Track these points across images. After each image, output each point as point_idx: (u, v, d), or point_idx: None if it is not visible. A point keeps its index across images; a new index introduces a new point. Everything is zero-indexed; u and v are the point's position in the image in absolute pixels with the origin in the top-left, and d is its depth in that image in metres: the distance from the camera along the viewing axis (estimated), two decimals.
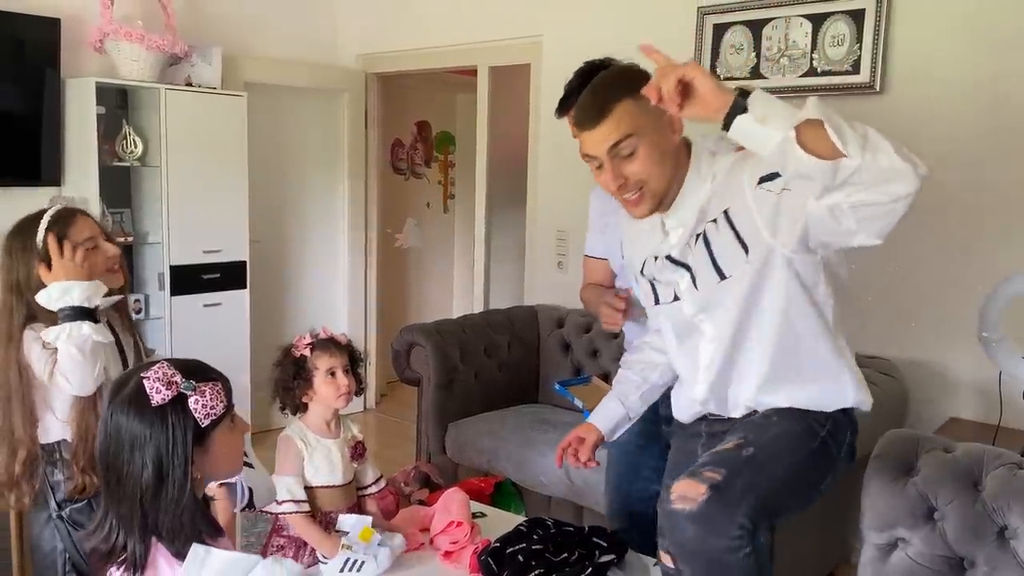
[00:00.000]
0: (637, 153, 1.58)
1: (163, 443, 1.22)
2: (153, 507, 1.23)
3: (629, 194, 1.62)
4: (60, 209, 1.85)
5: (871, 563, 1.88)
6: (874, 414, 2.52)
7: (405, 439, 3.81)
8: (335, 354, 2.09)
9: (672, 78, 1.37)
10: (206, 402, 1.26)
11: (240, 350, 4.02)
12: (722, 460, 1.59)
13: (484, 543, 2.07)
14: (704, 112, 1.38)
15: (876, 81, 2.93)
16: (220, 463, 1.31)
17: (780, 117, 1.34)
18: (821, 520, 2.74)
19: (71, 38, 3.54)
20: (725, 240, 1.61)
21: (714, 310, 1.67)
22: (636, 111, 1.56)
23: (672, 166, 1.63)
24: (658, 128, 1.59)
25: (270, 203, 4.49)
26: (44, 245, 1.75)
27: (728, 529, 1.50)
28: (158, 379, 1.24)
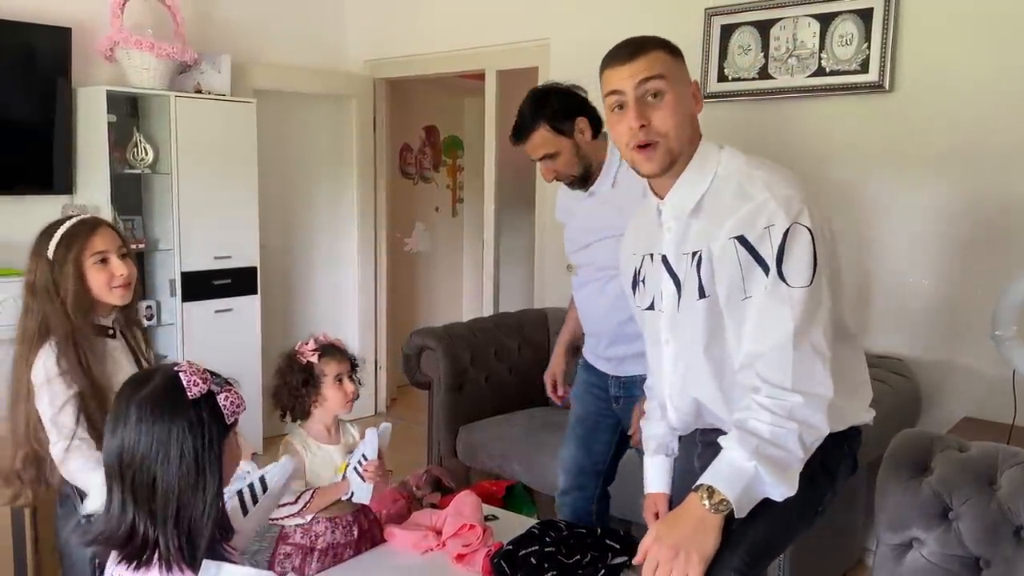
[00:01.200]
0: (665, 99, 1.52)
1: (200, 436, 1.22)
2: (191, 502, 1.22)
3: (647, 140, 1.54)
4: (84, 219, 1.84)
5: (885, 564, 1.87)
6: (887, 414, 2.52)
7: (416, 443, 3.81)
8: (342, 360, 2.11)
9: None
10: (233, 399, 1.28)
11: (252, 355, 4.03)
12: None
13: (496, 546, 2.07)
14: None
15: (885, 80, 2.92)
16: (228, 465, 1.31)
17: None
18: (833, 524, 2.73)
19: (82, 47, 3.57)
20: (698, 274, 1.57)
21: (681, 335, 1.62)
22: (671, 62, 1.55)
23: (689, 136, 1.57)
24: (686, 90, 1.57)
25: (280, 209, 4.50)
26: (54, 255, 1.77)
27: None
28: (193, 373, 1.25)
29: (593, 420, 2.43)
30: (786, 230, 1.45)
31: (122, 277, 1.81)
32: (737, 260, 1.49)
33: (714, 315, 1.55)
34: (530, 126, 2.16)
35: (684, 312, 1.60)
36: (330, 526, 2.10)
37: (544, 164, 2.22)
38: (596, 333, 2.37)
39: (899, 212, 2.98)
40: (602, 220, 2.23)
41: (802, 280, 1.45)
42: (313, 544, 2.09)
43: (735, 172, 1.56)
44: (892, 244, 3.00)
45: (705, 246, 1.56)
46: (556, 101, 2.18)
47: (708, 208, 1.57)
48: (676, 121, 1.53)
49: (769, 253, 1.46)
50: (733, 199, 1.52)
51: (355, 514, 2.15)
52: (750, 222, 1.48)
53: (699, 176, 1.59)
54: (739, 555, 1.49)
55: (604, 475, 2.46)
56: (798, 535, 1.70)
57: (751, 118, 3.25)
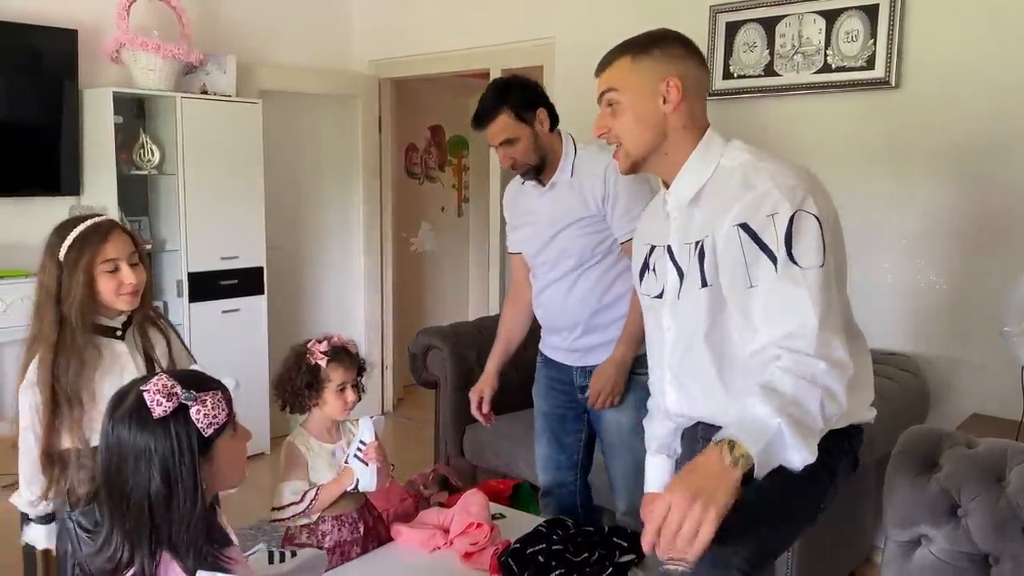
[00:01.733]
0: (619, 108, 1.62)
1: (168, 454, 1.21)
2: (165, 520, 1.21)
3: (611, 144, 1.68)
4: (98, 223, 1.81)
5: (894, 561, 1.87)
6: (895, 411, 2.52)
7: (423, 442, 3.81)
8: (349, 368, 2.12)
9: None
10: (208, 411, 1.25)
11: (259, 355, 4.04)
12: None
13: (504, 544, 2.08)
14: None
15: (891, 76, 2.91)
16: (224, 471, 1.30)
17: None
18: (841, 521, 2.72)
19: (88, 49, 3.58)
20: (700, 264, 1.58)
21: (683, 323, 1.63)
22: (628, 70, 1.61)
23: (654, 137, 1.61)
24: (645, 94, 1.60)
25: (286, 209, 4.51)
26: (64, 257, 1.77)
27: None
28: (158, 391, 1.23)
29: (559, 414, 2.49)
30: (791, 216, 1.45)
31: (130, 286, 1.80)
32: (740, 248, 1.49)
33: (716, 303, 1.56)
34: (493, 111, 2.24)
35: (684, 300, 1.62)
36: (336, 524, 2.11)
37: (503, 150, 2.28)
38: (564, 328, 2.39)
39: (905, 208, 2.97)
40: (566, 208, 2.30)
41: (815, 262, 1.44)
42: (320, 543, 2.10)
43: (742, 164, 1.57)
44: (899, 240, 2.99)
45: (707, 235, 1.57)
46: (518, 90, 2.28)
47: (709, 198, 1.59)
48: (628, 128, 1.63)
49: (774, 240, 1.45)
50: (737, 189, 1.53)
51: (359, 511, 2.16)
52: (754, 210, 1.48)
53: (700, 166, 1.62)
54: (741, 555, 1.49)
55: (580, 465, 2.51)
56: (801, 533, 1.70)
57: (757, 115, 3.24)
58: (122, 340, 1.85)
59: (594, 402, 2.30)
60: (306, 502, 2.04)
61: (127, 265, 1.79)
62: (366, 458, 2.06)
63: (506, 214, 2.57)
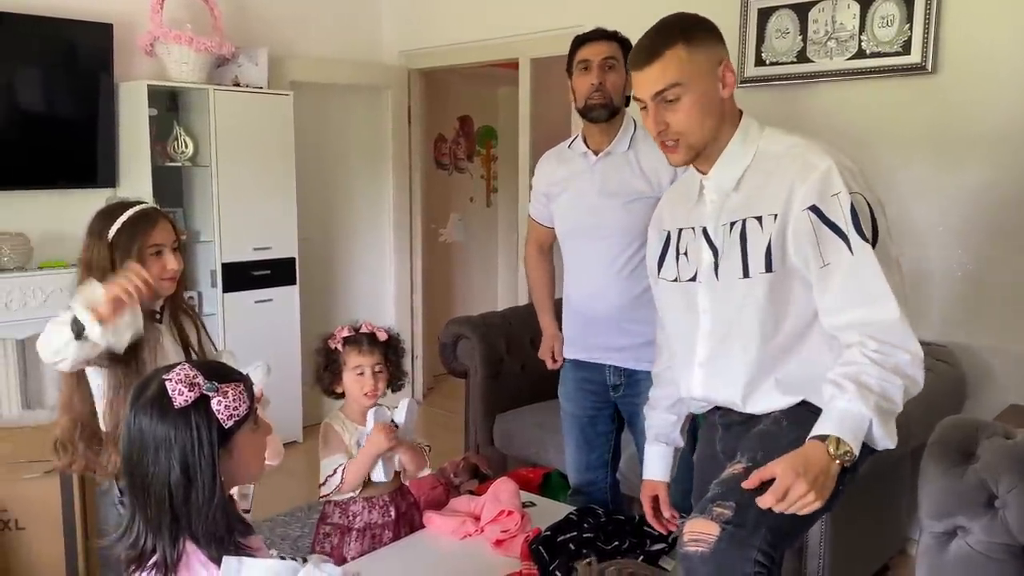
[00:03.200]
0: (681, 103, 1.58)
1: (188, 445, 1.21)
2: (184, 510, 1.21)
3: (668, 141, 1.63)
4: (146, 209, 1.88)
5: (929, 553, 1.84)
6: (931, 401, 2.48)
7: (453, 431, 3.83)
8: (365, 352, 2.13)
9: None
10: (229, 403, 1.24)
11: (291, 345, 4.09)
12: (731, 490, 1.54)
13: (535, 532, 2.09)
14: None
15: (928, 62, 2.86)
16: (244, 464, 1.30)
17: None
18: (875, 512, 2.70)
19: (123, 42, 3.63)
20: (759, 244, 1.59)
21: (723, 304, 1.66)
22: (687, 59, 1.57)
23: (715, 123, 1.62)
24: (707, 81, 1.59)
25: (317, 200, 4.55)
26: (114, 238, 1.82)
27: (744, 567, 1.48)
28: (180, 380, 1.22)
29: (590, 416, 2.43)
30: (851, 194, 1.51)
31: (172, 271, 1.86)
32: (812, 230, 1.53)
33: (782, 288, 1.58)
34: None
35: (725, 281, 1.64)
36: (367, 506, 2.14)
37: (599, 69, 2.21)
38: (601, 316, 2.29)
39: (942, 196, 2.92)
40: (620, 180, 2.23)
41: (873, 239, 1.50)
42: (351, 524, 2.13)
43: (793, 146, 1.60)
44: (935, 228, 2.94)
45: (748, 216, 1.60)
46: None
47: (749, 183, 1.62)
48: (694, 120, 1.60)
49: (842, 219, 1.50)
50: (797, 171, 1.55)
51: (392, 495, 2.18)
52: (819, 190, 1.52)
53: (741, 152, 1.63)
54: (761, 535, 1.49)
55: (610, 464, 2.48)
56: (820, 515, 1.69)
57: (789, 103, 3.21)
58: (160, 323, 1.90)
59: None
60: (339, 475, 2.06)
61: (170, 251, 1.86)
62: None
63: (540, 181, 2.46)
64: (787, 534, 1.59)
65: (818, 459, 1.43)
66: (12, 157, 3.38)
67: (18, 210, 3.44)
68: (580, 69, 2.26)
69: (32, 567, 2.75)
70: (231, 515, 1.28)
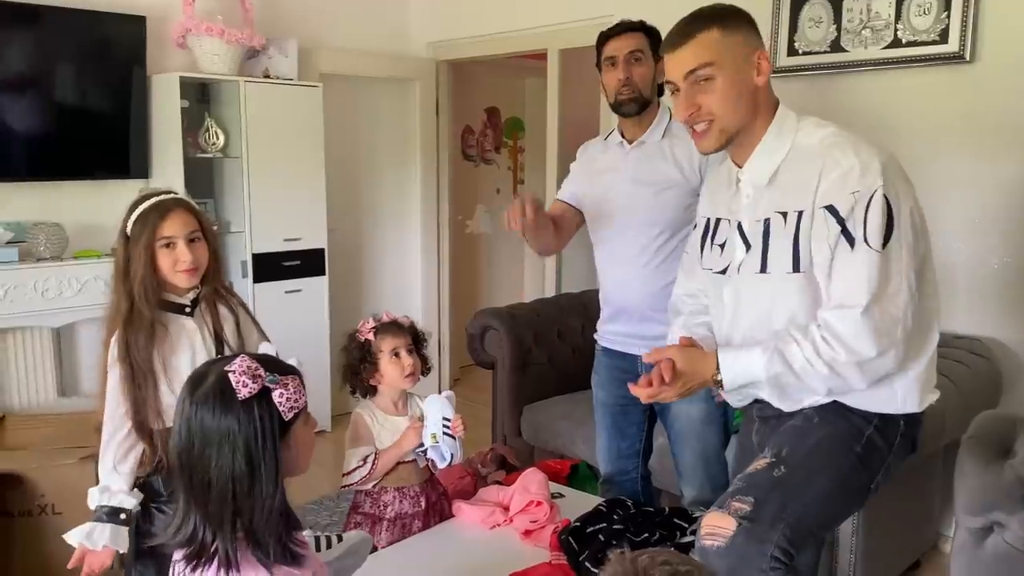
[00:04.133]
0: (714, 83, 1.56)
1: (251, 436, 1.20)
2: (247, 503, 1.20)
3: (698, 125, 1.60)
4: (160, 201, 1.84)
5: (965, 549, 1.82)
6: (965, 395, 2.45)
7: (480, 422, 3.84)
8: (398, 335, 2.16)
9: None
10: (290, 395, 1.24)
11: (320, 335, 4.12)
12: (752, 486, 1.55)
13: (564, 522, 2.09)
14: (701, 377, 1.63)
15: (966, 50, 2.81)
16: (298, 456, 1.29)
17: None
18: (907, 507, 2.66)
19: (156, 35, 3.66)
20: (783, 240, 1.57)
21: (746, 296, 1.65)
22: (722, 41, 1.56)
23: (748, 109, 1.59)
24: (742, 65, 1.57)
25: (345, 191, 4.57)
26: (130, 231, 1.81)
27: (759, 562, 1.47)
28: (243, 372, 1.22)
29: (622, 405, 2.40)
30: (871, 196, 1.48)
31: (185, 263, 1.81)
32: (827, 229, 1.51)
33: (811, 287, 1.56)
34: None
35: (746, 277, 1.64)
36: (398, 496, 2.16)
37: (624, 64, 2.19)
38: (633, 305, 2.28)
39: (979, 187, 2.86)
40: (653, 168, 2.21)
41: (877, 242, 1.48)
42: (382, 514, 2.15)
43: (824, 137, 1.57)
44: (971, 220, 2.89)
45: (777, 213, 1.58)
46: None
47: (784, 178, 1.59)
48: (726, 103, 1.57)
49: (853, 219, 1.49)
50: (822, 165, 1.53)
51: (422, 485, 2.20)
52: (839, 188, 1.50)
53: (776, 144, 1.61)
54: (779, 530, 1.48)
55: (642, 453, 2.46)
56: (848, 514, 1.68)
57: (823, 93, 3.16)
58: (190, 316, 1.88)
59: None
60: (368, 464, 2.08)
61: (184, 243, 1.81)
62: (455, 432, 2.10)
63: (578, 167, 2.43)
64: (810, 531, 1.57)
65: (702, 380, 1.62)
66: (49, 149, 3.43)
67: (54, 201, 3.49)
68: (607, 65, 2.26)
69: (67, 552, 2.79)
70: (289, 509, 1.27)
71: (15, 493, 2.74)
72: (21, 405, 3.35)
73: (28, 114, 3.35)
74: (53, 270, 3.28)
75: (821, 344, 1.49)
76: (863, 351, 1.47)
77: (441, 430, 2.10)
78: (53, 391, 3.44)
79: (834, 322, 1.49)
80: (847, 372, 1.50)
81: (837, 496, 1.58)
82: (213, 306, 1.92)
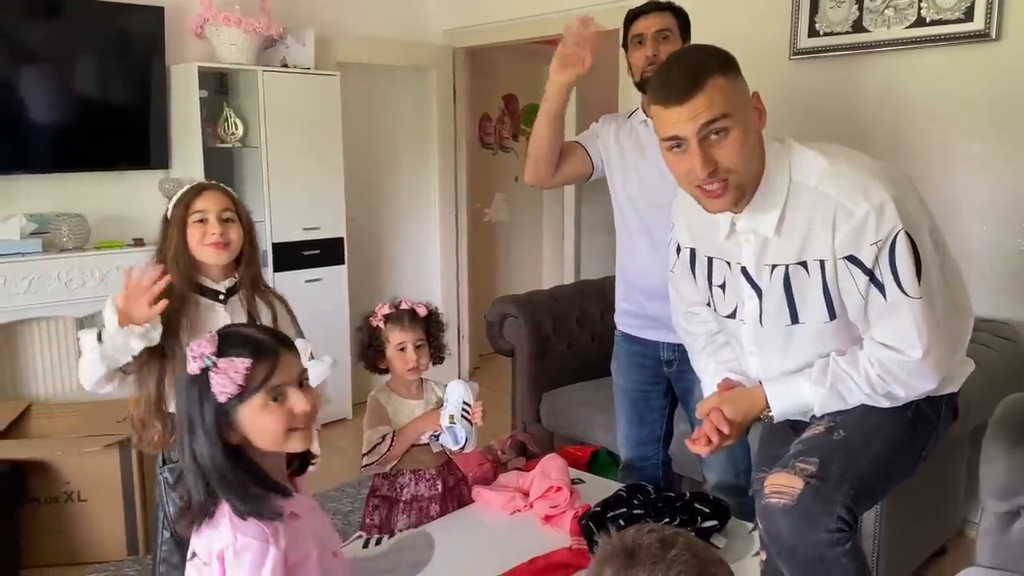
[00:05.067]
0: (730, 137, 1.43)
1: (195, 407, 1.31)
2: (209, 467, 1.30)
3: (712, 185, 1.46)
4: (200, 183, 1.93)
5: (991, 532, 1.80)
6: (991, 379, 2.41)
7: (500, 410, 3.84)
8: (406, 329, 2.16)
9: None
10: (226, 380, 1.30)
11: (341, 323, 4.13)
12: (814, 448, 1.55)
13: (584, 508, 2.08)
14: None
15: (991, 28, 2.75)
16: (251, 436, 1.34)
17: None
18: (931, 493, 2.63)
19: (174, 25, 3.68)
20: (812, 290, 1.54)
21: (773, 344, 1.64)
22: (729, 89, 1.44)
23: (759, 159, 1.50)
24: (749, 113, 1.47)
25: (364, 180, 4.58)
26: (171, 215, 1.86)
27: (826, 522, 1.47)
28: (198, 346, 1.31)
29: (642, 390, 2.40)
30: (892, 242, 1.45)
31: (214, 236, 1.84)
32: (852, 279, 1.50)
33: (849, 325, 1.56)
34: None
35: (770, 330, 1.61)
36: (413, 478, 2.17)
37: (653, 42, 2.17)
38: (648, 297, 2.27)
39: (1005, 167, 2.81)
40: None
41: (914, 289, 1.46)
42: (398, 496, 2.16)
43: (821, 178, 1.49)
44: (996, 201, 2.85)
45: (793, 262, 1.54)
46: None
47: (791, 225, 1.53)
48: (743, 155, 1.45)
49: (880, 268, 1.47)
50: (833, 215, 1.47)
51: (439, 469, 2.20)
52: (855, 239, 1.46)
53: (775, 188, 1.52)
54: (844, 490, 1.50)
55: (662, 439, 2.45)
56: (900, 480, 1.67)
57: (845, 75, 3.12)
58: (223, 304, 1.89)
59: None
60: (387, 442, 2.10)
61: (215, 217, 1.85)
62: (473, 418, 2.11)
63: (604, 133, 2.37)
64: (870, 493, 1.58)
65: (754, 416, 1.65)
66: (70, 141, 3.46)
67: (76, 192, 3.52)
68: (635, 43, 2.23)
69: (94, 537, 2.84)
70: (255, 473, 1.33)
71: (41, 480, 2.78)
72: (46, 394, 3.40)
73: (49, 106, 3.38)
74: (76, 261, 3.32)
75: (879, 383, 1.52)
76: (923, 387, 1.53)
77: (460, 412, 2.10)
78: (77, 381, 3.48)
79: (890, 365, 1.51)
80: (906, 399, 1.55)
81: (892, 459, 1.59)
82: (252, 299, 1.93)
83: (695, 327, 1.86)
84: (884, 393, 1.52)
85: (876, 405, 1.55)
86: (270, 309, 1.97)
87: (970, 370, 1.65)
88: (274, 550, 1.29)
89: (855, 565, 1.49)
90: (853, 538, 1.49)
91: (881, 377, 1.51)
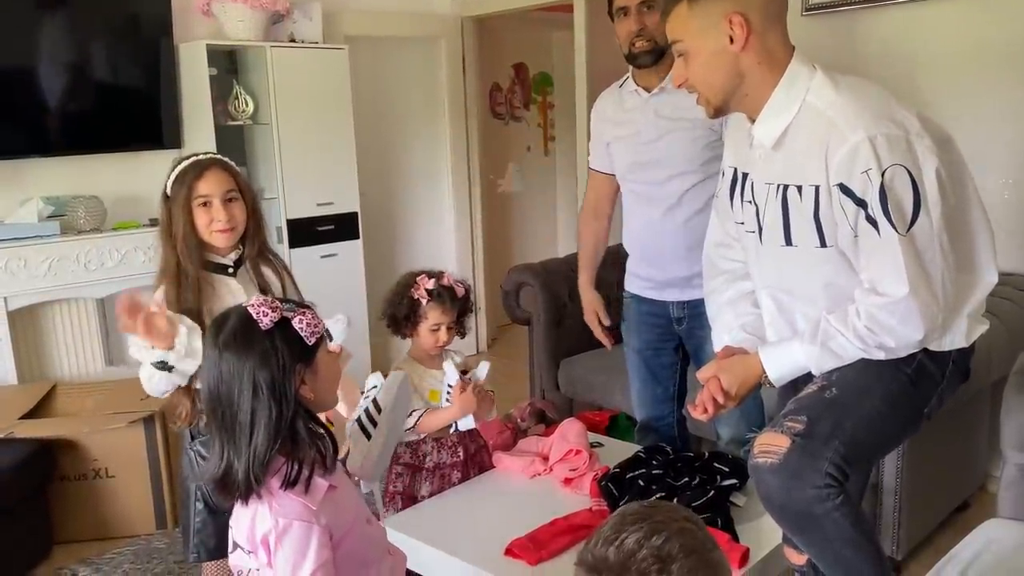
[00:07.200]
0: (689, 59, 1.60)
1: (275, 365, 1.27)
2: (272, 431, 1.27)
3: (692, 93, 1.66)
4: (199, 159, 1.86)
5: (1013, 484, 1.80)
6: (1013, 332, 2.40)
7: (518, 379, 3.86)
8: (447, 311, 2.18)
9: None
10: (309, 321, 1.32)
11: (357, 297, 4.15)
12: (804, 406, 1.56)
13: (603, 470, 2.10)
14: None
15: None
16: (326, 383, 1.37)
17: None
18: (953, 448, 2.63)
19: (181, 4, 3.67)
20: (804, 215, 1.55)
21: (783, 268, 1.64)
22: (687, 16, 1.57)
23: (729, 79, 1.58)
24: (711, 38, 1.55)
25: (376, 154, 4.57)
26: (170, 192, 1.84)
27: (814, 479, 1.47)
28: (262, 305, 1.31)
29: (654, 348, 2.41)
30: (883, 172, 1.43)
31: (221, 222, 1.82)
32: (842, 207, 1.49)
33: (840, 261, 1.55)
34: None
35: (768, 247, 1.63)
36: (436, 446, 2.20)
37: (637, 13, 2.16)
38: (662, 255, 2.28)
39: None
40: (674, 106, 2.16)
41: (903, 227, 1.45)
42: (421, 463, 2.19)
43: (829, 106, 1.51)
44: (1018, 153, 2.80)
45: (793, 184, 1.55)
46: None
47: (792, 144, 1.55)
48: (702, 75, 1.59)
49: (870, 200, 1.45)
50: (830, 140, 1.48)
51: (460, 436, 2.23)
52: (848, 167, 1.46)
53: (784, 104, 1.56)
54: (833, 446, 1.49)
55: (676, 397, 2.46)
56: (903, 437, 1.67)
57: (857, 29, 3.06)
58: (233, 277, 1.90)
59: None
60: (414, 418, 2.12)
61: (219, 202, 1.82)
62: (451, 397, 2.16)
63: (597, 126, 2.42)
64: (866, 450, 1.58)
65: (752, 383, 1.66)
66: (83, 123, 3.47)
67: (91, 174, 3.54)
68: (619, 15, 2.21)
69: (123, 512, 2.90)
70: (314, 433, 1.33)
71: (69, 458, 2.83)
72: (71, 374, 3.45)
73: (61, 90, 3.39)
74: (94, 242, 3.34)
75: (867, 334, 1.51)
76: (911, 335, 1.49)
77: (445, 397, 2.17)
78: (101, 360, 3.53)
79: (876, 312, 1.49)
80: (899, 350, 1.53)
81: (889, 416, 1.57)
82: (257, 268, 1.93)
83: (722, 262, 1.87)
84: (876, 345, 1.51)
85: (873, 357, 1.54)
86: (279, 278, 1.97)
87: (982, 329, 1.61)
88: (317, 528, 1.29)
89: (849, 519, 1.49)
90: (844, 493, 1.48)
91: (869, 328, 1.50)
